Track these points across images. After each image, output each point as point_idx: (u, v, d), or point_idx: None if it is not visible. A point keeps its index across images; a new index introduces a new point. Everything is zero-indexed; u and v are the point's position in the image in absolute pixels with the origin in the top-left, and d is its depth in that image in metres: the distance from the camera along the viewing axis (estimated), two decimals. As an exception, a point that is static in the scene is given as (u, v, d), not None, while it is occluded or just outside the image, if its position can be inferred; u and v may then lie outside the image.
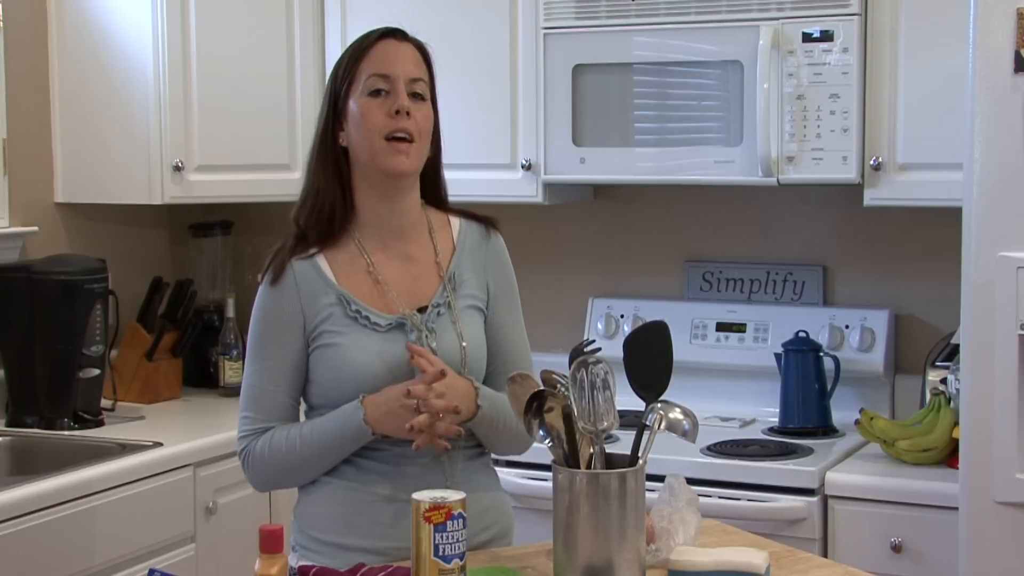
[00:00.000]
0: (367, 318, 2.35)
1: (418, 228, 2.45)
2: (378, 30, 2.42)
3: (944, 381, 3.29)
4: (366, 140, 2.35)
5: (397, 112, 2.33)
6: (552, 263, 4.01)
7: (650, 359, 2.15)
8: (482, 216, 2.52)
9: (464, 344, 2.38)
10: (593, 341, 2.34)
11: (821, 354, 3.58)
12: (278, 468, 2.38)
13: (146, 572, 2.84)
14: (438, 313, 2.39)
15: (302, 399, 2.44)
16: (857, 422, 3.33)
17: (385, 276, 2.39)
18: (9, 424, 3.58)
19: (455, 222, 2.49)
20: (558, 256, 4.04)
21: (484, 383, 2.42)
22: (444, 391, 2.28)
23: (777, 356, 3.62)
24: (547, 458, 2.14)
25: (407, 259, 2.42)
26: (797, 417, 3.56)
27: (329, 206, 2.39)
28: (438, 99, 2.45)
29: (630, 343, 2.17)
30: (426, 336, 2.36)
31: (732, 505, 3.18)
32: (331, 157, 2.39)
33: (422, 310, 2.38)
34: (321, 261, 2.39)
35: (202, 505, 3.36)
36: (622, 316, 3.89)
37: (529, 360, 2.47)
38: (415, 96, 2.37)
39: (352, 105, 2.37)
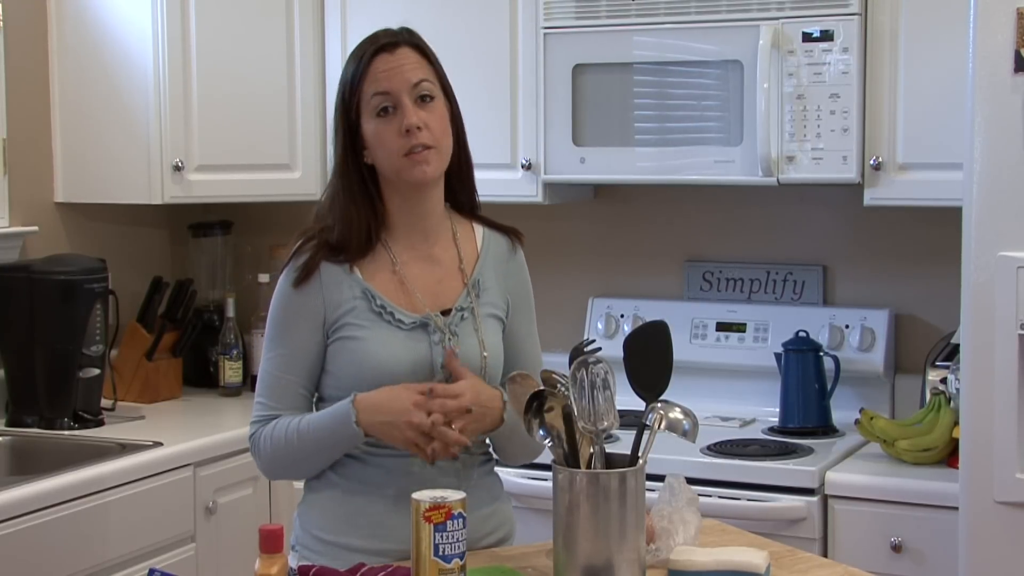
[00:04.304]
0: (392, 314, 2.35)
1: (442, 230, 2.45)
2: (369, 47, 2.37)
3: (944, 381, 3.29)
4: (386, 161, 2.36)
5: (408, 131, 2.32)
6: (552, 263, 4.01)
7: (650, 359, 2.16)
8: (507, 228, 2.52)
9: (485, 354, 2.38)
10: (593, 341, 2.33)
11: (821, 354, 3.58)
12: (280, 459, 2.37)
13: (146, 572, 2.85)
14: (461, 317, 2.39)
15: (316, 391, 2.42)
16: (857, 422, 3.33)
17: (410, 276, 2.39)
18: (9, 424, 3.58)
19: (479, 230, 2.49)
20: (558, 256, 4.03)
21: None
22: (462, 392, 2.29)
23: (777, 356, 3.61)
24: (547, 458, 2.14)
25: (431, 260, 2.42)
26: (797, 417, 3.56)
27: (365, 231, 2.38)
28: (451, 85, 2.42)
29: (630, 343, 2.17)
30: (448, 338, 2.36)
31: (732, 505, 3.18)
32: (357, 179, 2.38)
33: (445, 313, 2.38)
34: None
35: (202, 505, 3.36)
36: (622, 316, 3.89)
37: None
38: (423, 99, 2.35)
39: (366, 126, 2.36)
